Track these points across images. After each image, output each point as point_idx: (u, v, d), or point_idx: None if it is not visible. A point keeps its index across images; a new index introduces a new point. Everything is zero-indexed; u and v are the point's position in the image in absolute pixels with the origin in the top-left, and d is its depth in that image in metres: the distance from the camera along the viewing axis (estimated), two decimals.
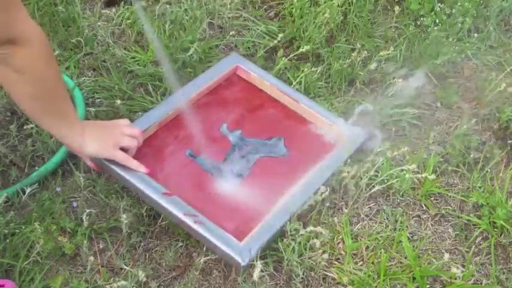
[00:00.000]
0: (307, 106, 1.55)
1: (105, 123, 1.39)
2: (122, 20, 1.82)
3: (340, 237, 1.38)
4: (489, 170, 1.52)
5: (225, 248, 1.25)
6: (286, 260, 1.32)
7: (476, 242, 1.41)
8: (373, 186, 1.44)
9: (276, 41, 1.73)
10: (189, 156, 1.43)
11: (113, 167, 1.33)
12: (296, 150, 1.47)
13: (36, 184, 1.42)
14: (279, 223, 1.31)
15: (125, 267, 1.32)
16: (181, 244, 1.37)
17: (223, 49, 1.81)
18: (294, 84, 1.66)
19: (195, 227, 1.27)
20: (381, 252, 1.35)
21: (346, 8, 1.86)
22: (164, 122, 1.47)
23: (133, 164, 1.33)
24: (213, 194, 1.37)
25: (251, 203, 1.36)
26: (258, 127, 1.52)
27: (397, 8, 1.85)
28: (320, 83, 1.70)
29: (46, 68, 1.11)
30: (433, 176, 1.42)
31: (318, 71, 1.68)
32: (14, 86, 1.10)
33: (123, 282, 1.25)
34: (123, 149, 1.33)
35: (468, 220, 1.44)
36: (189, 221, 1.28)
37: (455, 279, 1.32)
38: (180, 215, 1.28)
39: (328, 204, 1.42)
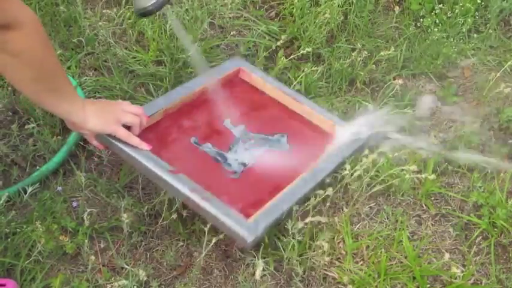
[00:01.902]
0: (309, 107, 1.55)
1: (107, 101, 1.40)
2: (123, 20, 1.82)
3: (341, 236, 1.39)
4: (489, 170, 1.52)
5: (231, 224, 1.23)
6: (286, 258, 1.32)
7: (476, 241, 1.41)
8: (374, 186, 1.44)
9: (278, 43, 1.73)
10: (194, 143, 1.42)
11: (119, 144, 1.31)
12: (299, 147, 1.47)
13: (38, 183, 1.43)
14: (285, 205, 1.30)
15: (126, 266, 1.32)
16: (182, 243, 1.38)
17: (224, 49, 1.81)
18: (294, 84, 1.66)
19: (202, 203, 1.25)
20: (381, 252, 1.35)
21: (346, 8, 1.86)
22: (170, 111, 1.45)
23: (135, 141, 1.31)
24: (218, 178, 1.37)
25: (257, 188, 1.36)
26: (261, 124, 1.52)
27: (397, 8, 1.85)
28: (320, 82, 1.70)
29: (43, 49, 1.11)
30: (433, 176, 1.43)
31: (319, 70, 1.69)
32: (13, 71, 1.10)
33: (124, 282, 1.25)
34: (126, 127, 1.32)
35: (468, 220, 1.44)
36: (195, 197, 1.26)
37: (455, 278, 1.33)
38: (186, 191, 1.26)
39: (328, 204, 1.43)
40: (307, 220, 1.30)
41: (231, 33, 1.82)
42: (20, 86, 1.17)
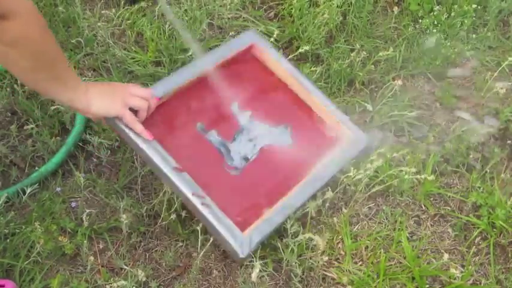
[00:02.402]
0: (317, 98, 1.52)
1: (114, 83, 1.34)
2: (122, 21, 1.82)
3: (340, 237, 1.39)
4: (488, 171, 1.52)
5: (227, 237, 1.25)
6: (285, 260, 1.32)
7: (476, 242, 1.41)
8: (373, 187, 1.44)
9: (271, 39, 1.73)
10: (200, 130, 1.41)
11: (125, 129, 1.28)
12: (300, 142, 1.47)
13: (37, 184, 1.43)
14: (280, 218, 1.31)
15: (125, 267, 1.32)
16: (181, 244, 1.38)
17: None
18: None
19: (201, 209, 1.26)
20: (380, 252, 1.36)
21: (345, 9, 1.86)
22: (179, 91, 1.42)
23: (138, 128, 1.28)
24: (220, 175, 1.37)
25: (255, 190, 1.37)
26: (267, 111, 1.50)
27: (396, 9, 1.85)
28: (319, 83, 1.70)
29: (40, 37, 1.09)
30: (432, 177, 1.43)
31: (318, 71, 1.69)
32: (12, 61, 1.09)
33: (123, 282, 1.25)
34: (133, 112, 1.28)
35: (467, 220, 1.44)
36: (196, 202, 1.27)
37: (455, 279, 1.33)
38: (188, 194, 1.27)
39: (328, 204, 1.43)
40: (306, 235, 1.31)
41: (230, 33, 1.82)
42: (19, 75, 1.17)
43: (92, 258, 1.29)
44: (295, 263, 1.32)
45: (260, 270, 1.26)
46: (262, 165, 1.41)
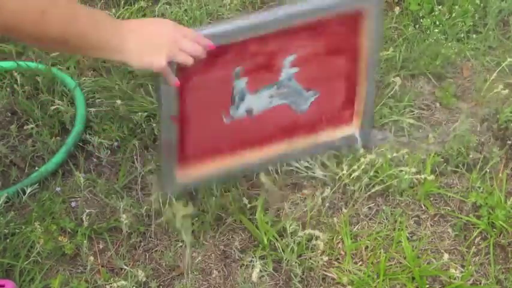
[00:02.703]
0: (368, 85, 1.45)
1: (161, 29, 1.16)
2: None
3: (340, 237, 1.38)
4: (488, 171, 1.52)
5: (165, 169, 1.36)
6: (285, 260, 1.32)
7: (475, 242, 1.41)
8: (373, 187, 1.44)
9: None
10: (235, 75, 1.31)
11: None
12: (312, 112, 1.45)
13: (37, 184, 1.43)
14: (221, 175, 1.41)
15: (125, 267, 1.32)
16: (181, 244, 1.38)
17: None
18: None
19: (164, 142, 1.32)
20: (380, 252, 1.36)
21: None
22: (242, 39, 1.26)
23: (172, 79, 1.18)
24: (214, 119, 1.36)
25: (227, 137, 1.40)
26: (315, 73, 1.39)
27: (396, 9, 1.85)
28: None
29: (35, 23, 0.97)
30: (432, 177, 1.43)
31: None
32: (24, 42, 1.03)
33: (123, 282, 1.25)
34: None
35: (467, 220, 1.44)
36: (165, 148, 1.33)
37: (455, 279, 1.33)
38: (164, 139, 1.32)
39: (327, 204, 1.43)
40: (306, 231, 1.33)
41: None
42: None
43: (92, 258, 1.30)
44: (295, 262, 1.32)
45: (260, 270, 1.26)
46: (260, 123, 1.41)
